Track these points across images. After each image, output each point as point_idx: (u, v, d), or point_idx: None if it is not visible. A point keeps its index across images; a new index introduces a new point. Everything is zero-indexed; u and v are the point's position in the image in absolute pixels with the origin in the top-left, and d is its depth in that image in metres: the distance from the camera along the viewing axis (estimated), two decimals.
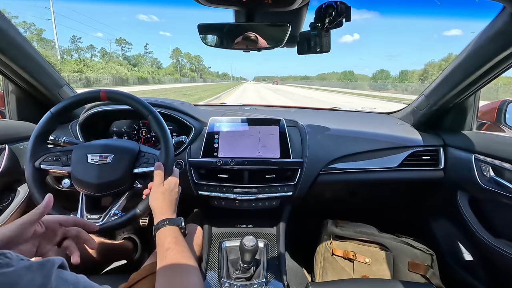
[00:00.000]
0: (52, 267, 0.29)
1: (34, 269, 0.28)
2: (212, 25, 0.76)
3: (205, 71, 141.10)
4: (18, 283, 0.26)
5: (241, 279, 0.90)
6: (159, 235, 0.64)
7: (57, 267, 0.31)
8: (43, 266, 0.29)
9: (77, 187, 0.78)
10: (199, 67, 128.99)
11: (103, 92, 0.79)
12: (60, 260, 0.32)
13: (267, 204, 1.04)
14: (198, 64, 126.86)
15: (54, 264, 0.30)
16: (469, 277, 1.08)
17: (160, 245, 0.62)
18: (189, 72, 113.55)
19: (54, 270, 0.29)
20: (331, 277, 1.10)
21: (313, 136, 1.10)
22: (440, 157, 1.14)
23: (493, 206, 0.99)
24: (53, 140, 0.88)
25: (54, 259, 0.31)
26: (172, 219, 0.67)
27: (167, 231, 0.64)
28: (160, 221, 0.66)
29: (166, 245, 0.61)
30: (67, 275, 0.30)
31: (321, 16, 0.73)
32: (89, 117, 1.10)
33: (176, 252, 0.59)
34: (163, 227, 0.65)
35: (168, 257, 0.58)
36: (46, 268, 0.29)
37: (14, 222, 0.51)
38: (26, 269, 0.28)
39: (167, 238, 0.62)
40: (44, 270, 0.29)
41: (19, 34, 0.89)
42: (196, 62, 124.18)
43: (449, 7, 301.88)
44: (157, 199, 0.70)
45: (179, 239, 0.63)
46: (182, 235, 0.66)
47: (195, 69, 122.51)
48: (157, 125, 0.79)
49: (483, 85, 0.93)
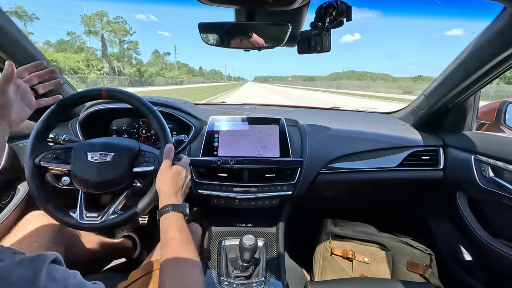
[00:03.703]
0: (43, 263, 0.29)
1: (25, 264, 0.28)
2: (213, 24, 0.76)
3: (161, 61, 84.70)
4: (8, 278, 0.26)
5: (240, 278, 0.90)
6: (163, 221, 0.63)
7: (50, 262, 0.30)
8: (34, 262, 0.29)
9: (77, 185, 0.78)
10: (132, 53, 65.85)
11: (104, 90, 0.79)
12: (53, 255, 0.31)
13: (267, 203, 1.04)
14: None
15: (46, 260, 0.30)
16: (468, 277, 1.08)
17: (164, 232, 0.61)
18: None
19: (45, 266, 0.29)
20: (330, 276, 1.10)
21: (313, 135, 1.10)
22: (440, 157, 1.14)
23: (492, 207, 0.99)
24: (53, 138, 0.88)
25: (47, 254, 0.31)
26: (176, 204, 0.65)
27: (171, 217, 0.63)
28: (164, 206, 0.65)
29: (171, 234, 0.60)
30: (57, 271, 0.30)
31: (321, 15, 0.73)
32: (89, 115, 1.10)
33: (179, 243, 0.58)
34: (167, 212, 0.63)
35: (172, 248, 0.57)
36: (37, 263, 0.28)
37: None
38: (16, 264, 0.27)
39: (171, 226, 0.61)
40: (35, 265, 0.28)
41: (19, 31, 0.89)
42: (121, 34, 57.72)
43: (449, 7, 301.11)
44: (164, 183, 0.69)
45: (183, 228, 0.62)
46: (186, 222, 0.64)
47: (123, 56, 61.86)
48: (157, 123, 0.79)
49: (483, 85, 0.93)
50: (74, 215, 0.77)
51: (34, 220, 0.83)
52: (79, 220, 0.77)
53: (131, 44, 65.36)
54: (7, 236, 0.80)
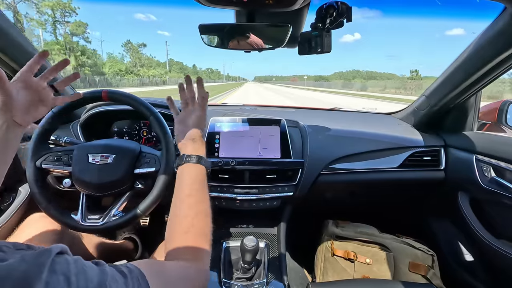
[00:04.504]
0: (48, 258, 0.28)
1: (29, 260, 0.27)
2: (213, 25, 0.76)
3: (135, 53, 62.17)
4: (10, 276, 0.25)
5: (241, 279, 0.90)
6: (185, 171, 0.58)
7: (56, 254, 0.30)
8: (39, 258, 0.28)
9: (78, 187, 0.79)
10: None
11: (105, 92, 0.79)
12: (58, 248, 0.31)
13: (268, 204, 1.04)
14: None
15: (51, 254, 0.29)
16: (470, 278, 1.07)
17: (183, 185, 0.57)
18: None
19: (49, 261, 0.28)
20: (331, 277, 1.10)
21: (314, 136, 1.10)
22: (441, 157, 1.14)
23: (494, 207, 0.98)
24: (54, 140, 0.88)
25: (52, 248, 0.30)
26: (202, 157, 0.61)
27: (195, 169, 0.59)
28: (189, 154, 0.61)
29: (187, 191, 0.56)
30: (59, 264, 0.29)
31: (322, 16, 0.73)
32: (90, 117, 1.10)
33: (196, 203, 0.54)
34: (190, 162, 0.59)
35: (186, 205, 0.54)
36: (42, 259, 0.28)
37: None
38: (20, 261, 0.27)
39: (192, 180, 0.57)
40: (39, 261, 0.28)
41: (20, 33, 0.89)
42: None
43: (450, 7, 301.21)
44: (187, 130, 0.66)
45: (205, 187, 0.59)
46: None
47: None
48: (158, 125, 0.79)
49: (484, 85, 0.93)
50: (75, 217, 0.77)
51: (36, 222, 0.83)
52: (81, 222, 0.77)
53: (72, 26, 41.10)
54: (9, 238, 0.81)
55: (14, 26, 0.86)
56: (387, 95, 30.19)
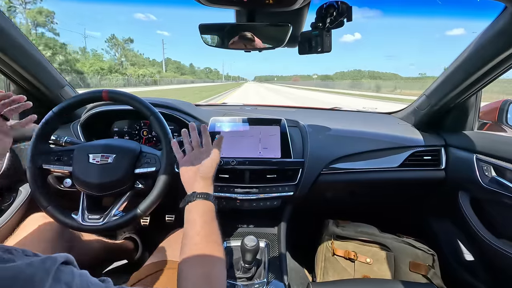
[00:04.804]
0: (53, 265, 0.29)
1: (36, 265, 0.28)
2: (213, 25, 0.76)
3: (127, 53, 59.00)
4: (18, 278, 0.26)
5: (242, 279, 0.90)
6: (192, 209, 0.58)
7: (60, 264, 0.30)
8: (44, 263, 0.29)
9: (78, 187, 0.79)
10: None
11: (105, 92, 0.79)
12: (63, 258, 0.31)
13: (268, 204, 1.04)
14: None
15: (56, 262, 0.30)
16: (471, 277, 1.07)
17: (191, 223, 0.57)
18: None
19: (54, 268, 0.29)
20: (332, 277, 1.10)
21: (314, 136, 1.10)
22: (442, 157, 1.14)
23: (495, 206, 0.98)
24: (54, 140, 0.88)
25: (56, 256, 0.31)
26: (207, 193, 0.60)
27: (203, 206, 0.58)
28: (193, 193, 0.60)
29: (197, 228, 0.55)
30: (63, 274, 0.30)
31: (322, 16, 0.73)
32: (90, 117, 1.10)
33: (205, 238, 0.54)
34: (196, 201, 0.58)
35: (197, 242, 0.53)
36: (47, 265, 0.29)
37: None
38: (27, 265, 0.28)
39: (199, 219, 0.56)
40: (45, 267, 0.29)
41: (21, 34, 0.89)
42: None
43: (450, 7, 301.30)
44: (196, 163, 0.65)
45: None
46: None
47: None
48: (158, 125, 0.79)
49: (485, 85, 0.93)
50: (76, 217, 0.77)
51: (36, 222, 0.83)
52: (81, 222, 0.77)
53: (28, 14, 32.96)
54: (9, 238, 0.81)
55: (15, 27, 0.86)
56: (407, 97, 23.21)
